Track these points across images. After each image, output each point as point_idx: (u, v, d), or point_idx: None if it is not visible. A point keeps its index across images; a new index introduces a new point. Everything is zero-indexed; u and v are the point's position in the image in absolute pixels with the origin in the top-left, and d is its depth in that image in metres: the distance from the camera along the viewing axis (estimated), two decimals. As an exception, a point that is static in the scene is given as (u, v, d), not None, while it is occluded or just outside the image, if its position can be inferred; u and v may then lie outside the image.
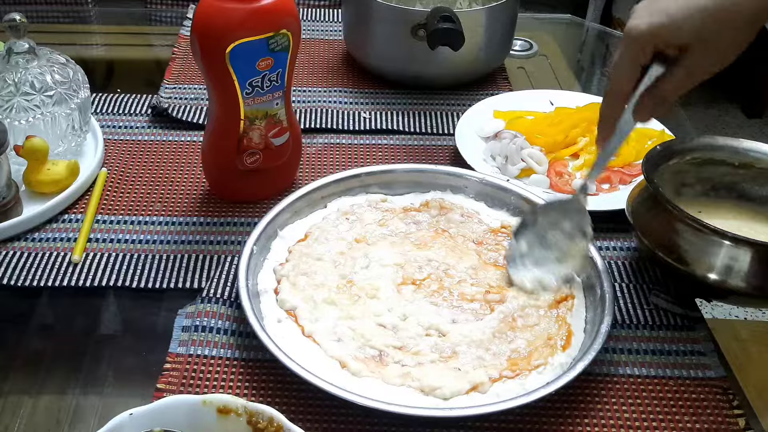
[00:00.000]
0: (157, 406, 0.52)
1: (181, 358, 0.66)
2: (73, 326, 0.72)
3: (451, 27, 0.96)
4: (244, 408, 0.52)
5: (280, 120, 0.81)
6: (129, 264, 0.77)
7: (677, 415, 0.63)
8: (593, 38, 1.42)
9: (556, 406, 0.64)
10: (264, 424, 0.52)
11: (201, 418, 0.52)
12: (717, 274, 0.68)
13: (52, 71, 0.85)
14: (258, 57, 0.75)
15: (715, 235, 0.68)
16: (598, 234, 0.80)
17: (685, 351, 0.69)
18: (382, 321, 0.68)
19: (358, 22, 1.09)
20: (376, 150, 0.96)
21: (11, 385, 0.66)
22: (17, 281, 0.74)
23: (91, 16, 1.31)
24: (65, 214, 0.82)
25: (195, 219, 0.83)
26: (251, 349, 0.67)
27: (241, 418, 0.52)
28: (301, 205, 0.80)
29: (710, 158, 0.79)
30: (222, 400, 0.53)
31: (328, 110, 1.02)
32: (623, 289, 0.76)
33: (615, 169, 0.91)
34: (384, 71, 1.08)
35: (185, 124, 0.98)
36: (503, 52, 1.11)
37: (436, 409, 0.60)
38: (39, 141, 0.81)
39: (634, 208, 0.76)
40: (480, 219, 0.81)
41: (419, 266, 0.74)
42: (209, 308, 0.70)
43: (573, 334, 0.68)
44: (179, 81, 1.07)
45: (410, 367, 0.64)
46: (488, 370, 0.64)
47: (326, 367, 0.64)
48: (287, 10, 0.75)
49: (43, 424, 0.62)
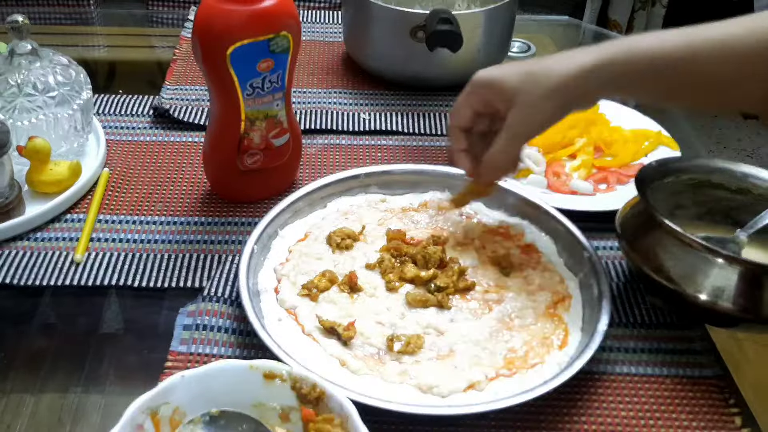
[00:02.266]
0: (207, 369, 0.54)
1: (182, 357, 0.67)
2: (76, 325, 0.73)
3: (449, 29, 0.97)
4: (288, 374, 0.54)
5: (280, 121, 0.81)
6: (131, 263, 0.77)
7: (674, 414, 0.64)
8: (590, 40, 1.43)
9: (553, 405, 0.64)
10: (307, 389, 0.54)
11: (248, 383, 0.54)
12: (707, 295, 0.66)
13: (54, 72, 0.86)
14: (258, 58, 0.75)
15: (708, 253, 0.66)
16: (595, 234, 0.81)
17: (681, 350, 0.70)
18: (380, 319, 0.69)
19: (358, 24, 1.09)
20: (376, 151, 0.96)
21: (13, 383, 0.66)
22: (20, 281, 0.75)
23: (93, 17, 1.32)
24: (67, 214, 0.83)
25: (196, 219, 0.84)
26: (252, 347, 0.68)
27: (286, 383, 0.54)
28: (301, 205, 0.81)
29: (707, 180, 0.77)
30: (268, 365, 0.55)
31: (327, 111, 1.02)
32: (620, 288, 0.76)
33: (612, 169, 0.92)
34: (383, 73, 1.09)
35: (186, 125, 0.99)
36: (501, 53, 1.12)
37: (435, 407, 0.61)
38: (41, 141, 0.82)
39: (623, 222, 0.74)
40: (479, 219, 0.81)
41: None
42: (210, 307, 0.71)
43: (570, 333, 0.68)
44: (180, 82, 1.07)
45: (408, 365, 0.65)
46: (485, 368, 0.64)
47: (326, 365, 0.64)
48: (288, 12, 0.76)
49: (45, 422, 0.63)
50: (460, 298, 0.72)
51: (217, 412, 0.54)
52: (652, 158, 0.85)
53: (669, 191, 0.77)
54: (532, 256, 0.77)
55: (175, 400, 0.53)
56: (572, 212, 0.80)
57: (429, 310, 0.70)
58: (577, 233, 0.76)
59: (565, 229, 0.78)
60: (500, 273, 0.75)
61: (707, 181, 0.77)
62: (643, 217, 0.72)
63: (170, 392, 0.53)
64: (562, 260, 0.77)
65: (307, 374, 0.54)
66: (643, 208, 0.71)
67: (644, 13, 2.26)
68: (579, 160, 0.92)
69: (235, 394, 0.54)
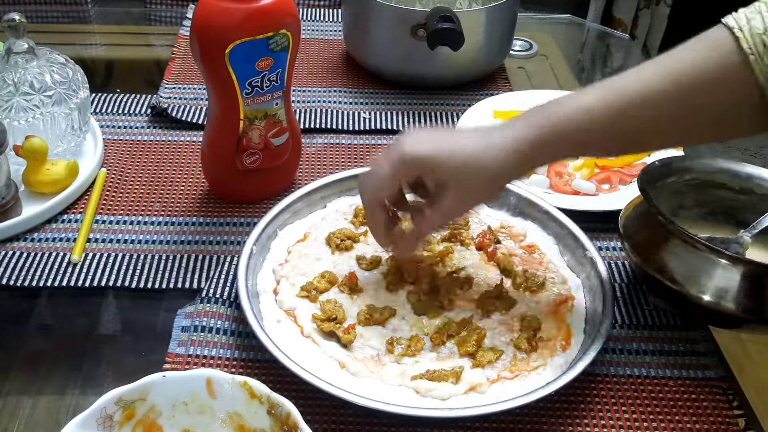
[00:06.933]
0: (191, 374, 0.54)
1: (180, 358, 0.66)
2: (73, 326, 0.72)
3: (450, 27, 0.96)
4: (267, 398, 0.53)
5: (279, 120, 0.81)
6: (128, 264, 0.77)
7: (677, 416, 0.63)
8: (593, 38, 1.42)
9: (555, 407, 0.64)
10: (282, 417, 0.53)
11: (229, 397, 0.54)
12: (711, 296, 0.65)
13: (51, 71, 0.85)
14: (258, 57, 0.74)
15: (712, 253, 0.65)
16: (598, 234, 0.80)
17: (684, 351, 0.69)
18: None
19: (358, 22, 1.09)
20: (376, 150, 0.95)
21: (11, 385, 0.66)
22: (16, 281, 0.74)
23: (91, 15, 1.31)
24: (64, 214, 0.82)
25: (194, 219, 0.83)
26: (251, 349, 0.67)
27: (263, 405, 0.54)
28: (300, 206, 0.80)
29: (710, 180, 0.77)
30: (251, 383, 0.54)
31: (327, 110, 1.02)
32: (623, 289, 0.76)
33: (615, 169, 0.91)
34: (383, 71, 1.08)
35: (185, 124, 0.98)
36: (503, 52, 1.11)
37: (436, 410, 0.60)
38: (38, 141, 0.81)
39: (626, 222, 0.74)
40: (480, 219, 0.81)
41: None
42: (209, 308, 0.70)
43: (572, 335, 0.68)
44: (179, 81, 1.07)
45: (408, 366, 0.64)
46: (486, 371, 0.64)
47: (325, 367, 0.64)
48: (287, 10, 0.75)
49: (43, 424, 0.62)
50: (461, 299, 0.71)
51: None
52: (655, 158, 0.84)
53: (672, 191, 0.76)
54: (535, 256, 0.76)
55: (152, 399, 0.54)
56: (575, 212, 0.80)
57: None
58: (580, 234, 0.76)
59: (568, 230, 0.77)
60: (501, 274, 0.74)
61: (710, 181, 0.77)
62: (645, 217, 0.71)
63: (149, 390, 0.54)
64: (564, 261, 0.76)
65: (284, 402, 0.53)
66: (645, 208, 0.71)
67: (648, 12, 2.25)
68: (581, 160, 0.92)
69: (215, 404, 0.55)
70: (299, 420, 0.51)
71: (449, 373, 0.63)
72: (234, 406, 0.54)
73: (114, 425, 0.53)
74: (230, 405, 0.54)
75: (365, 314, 0.68)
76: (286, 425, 0.52)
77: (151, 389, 0.54)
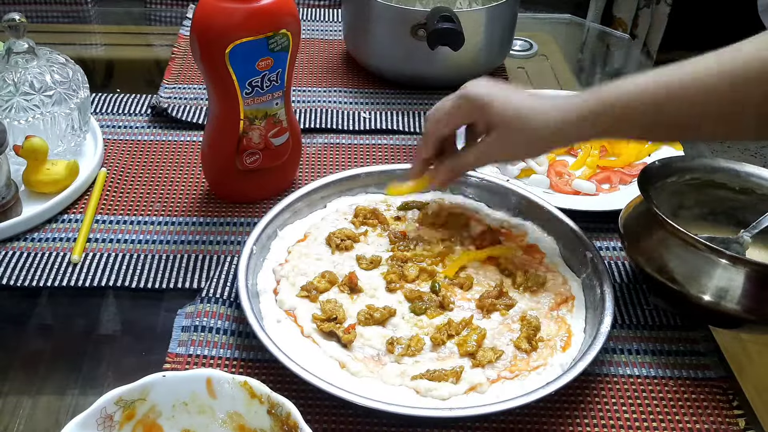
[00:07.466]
0: (191, 374, 0.54)
1: (180, 358, 0.66)
2: (73, 326, 0.72)
3: (450, 27, 0.96)
4: (267, 397, 0.53)
5: (279, 120, 0.81)
6: (128, 264, 0.77)
7: (677, 416, 0.63)
8: (594, 38, 1.42)
9: (556, 407, 0.63)
10: (283, 417, 0.53)
11: (229, 396, 0.54)
12: (711, 296, 0.65)
13: (51, 71, 0.85)
14: (258, 57, 0.74)
15: (712, 253, 0.65)
16: (598, 234, 0.80)
17: (685, 351, 0.69)
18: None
19: (358, 22, 1.09)
20: (376, 150, 0.95)
21: (11, 385, 0.66)
22: (17, 281, 0.74)
23: (91, 15, 1.31)
24: (65, 214, 0.82)
25: (194, 219, 0.83)
26: (251, 349, 0.67)
27: (263, 405, 0.53)
28: (300, 206, 0.80)
29: (710, 180, 0.77)
30: (251, 383, 0.54)
31: (327, 110, 1.02)
32: (623, 289, 0.76)
33: (615, 169, 0.91)
34: (384, 71, 1.08)
35: (185, 124, 0.98)
36: (503, 52, 1.11)
37: (436, 410, 0.60)
38: (38, 141, 0.81)
39: (626, 222, 0.74)
40: (480, 219, 0.81)
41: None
42: (209, 308, 0.70)
43: (573, 335, 0.68)
44: (179, 81, 1.07)
45: (408, 366, 0.64)
46: (486, 371, 0.64)
47: (325, 367, 0.64)
48: (287, 10, 0.75)
49: (43, 424, 0.62)
50: (463, 299, 0.71)
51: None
52: (656, 158, 0.84)
53: (672, 191, 0.76)
54: (535, 256, 0.76)
55: (152, 399, 0.54)
56: (575, 212, 0.80)
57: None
58: (580, 233, 0.76)
59: (568, 230, 0.77)
60: (501, 274, 0.74)
61: (711, 181, 0.77)
62: (646, 217, 0.71)
63: (149, 390, 0.54)
64: (564, 261, 0.76)
65: (284, 401, 0.53)
66: (646, 208, 0.71)
67: (649, 11, 2.25)
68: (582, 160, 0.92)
69: (215, 404, 0.54)
70: (299, 420, 0.51)
71: (449, 373, 0.63)
72: (234, 406, 0.54)
73: (114, 425, 0.53)
74: (230, 405, 0.54)
75: (365, 314, 0.68)
76: (286, 425, 0.52)
77: (151, 389, 0.54)
